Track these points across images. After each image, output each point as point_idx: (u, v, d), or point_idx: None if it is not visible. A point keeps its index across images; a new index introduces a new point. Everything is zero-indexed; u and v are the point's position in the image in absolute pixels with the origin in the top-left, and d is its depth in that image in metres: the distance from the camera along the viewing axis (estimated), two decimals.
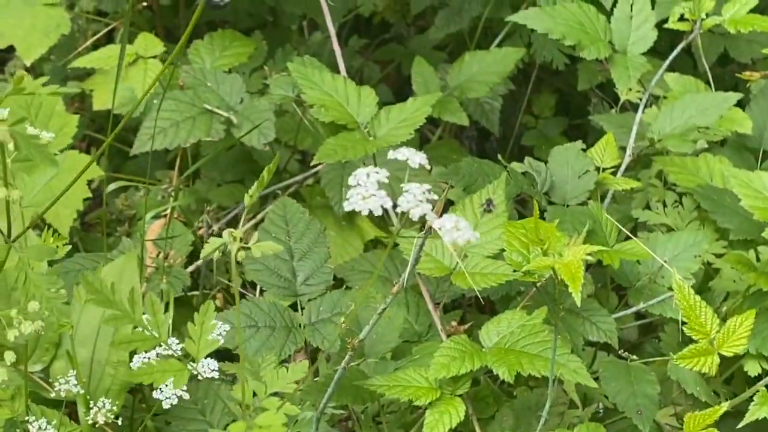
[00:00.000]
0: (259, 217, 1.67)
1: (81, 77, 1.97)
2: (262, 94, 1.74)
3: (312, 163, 1.40)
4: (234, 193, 1.70)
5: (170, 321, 1.13)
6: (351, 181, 0.90)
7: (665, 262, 1.42)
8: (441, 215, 1.15)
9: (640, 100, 1.75)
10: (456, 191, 1.47)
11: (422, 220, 0.92)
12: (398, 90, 2.09)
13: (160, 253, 1.55)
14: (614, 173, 1.55)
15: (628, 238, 1.48)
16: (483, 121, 1.88)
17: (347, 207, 0.89)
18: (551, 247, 1.18)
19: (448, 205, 1.75)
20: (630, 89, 1.77)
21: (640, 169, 1.74)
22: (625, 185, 1.48)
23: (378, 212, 0.89)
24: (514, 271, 1.28)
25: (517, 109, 2.08)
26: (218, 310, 1.59)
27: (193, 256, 1.62)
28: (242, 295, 1.63)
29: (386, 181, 0.91)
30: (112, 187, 1.53)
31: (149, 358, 1.06)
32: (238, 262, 0.90)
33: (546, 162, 1.56)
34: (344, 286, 1.48)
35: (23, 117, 0.93)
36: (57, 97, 1.62)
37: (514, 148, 2.06)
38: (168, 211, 1.59)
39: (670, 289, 1.45)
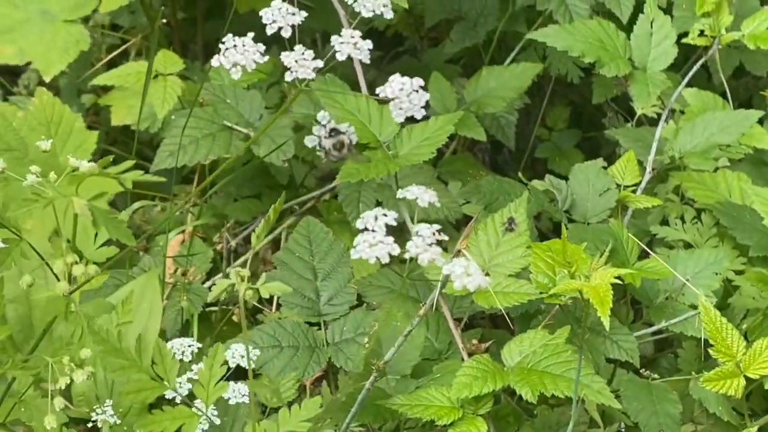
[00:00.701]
0: (276, 232, 1.67)
1: (95, 90, 1.97)
2: (279, 108, 1.74)
3: (335, 183, 1.40)
4: (251, 208, 1.70)
5: (195, 345, 1.13)
6: (359, 224, 0.90)
7: (687, 280, 1.42)
8: (467, 237, 1.15)
9: (657, 115, 1.76)
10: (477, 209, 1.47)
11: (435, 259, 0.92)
12: None
13: (177, 269, 1.55)
14: (634, 190, 1.55)
15: (647, 253, 1.48)
16: (498, 136, 1.88)
17: (354, 255, 0.89)
18: (578, 269, 1.18)
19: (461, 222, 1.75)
20: None
21: (656, 183, 1.74)
22: (647, 203, 1.48)
23: (385, 260, 0.89)
24: (541, 293, 1.28)
25: (530, 121, 2.08)
26: (235, 325, 1.59)
27: (211, 270, 1.62)
28: (259, 311, 1.63)
29: (394, 223, 0.91)
30: (136, 206, 1.53)
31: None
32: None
33: (566, 179, 1.56)
34: (362, 302, 1.48)
35: (103, 192, 0.94)
36: (77, 114, 1.63)
37: (527, 161, 2.06)
38: (187, 227, 1.59)
39: (691, 306, 1.45)
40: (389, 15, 0.99)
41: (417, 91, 0.95)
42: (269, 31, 0.96)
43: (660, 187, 1.74)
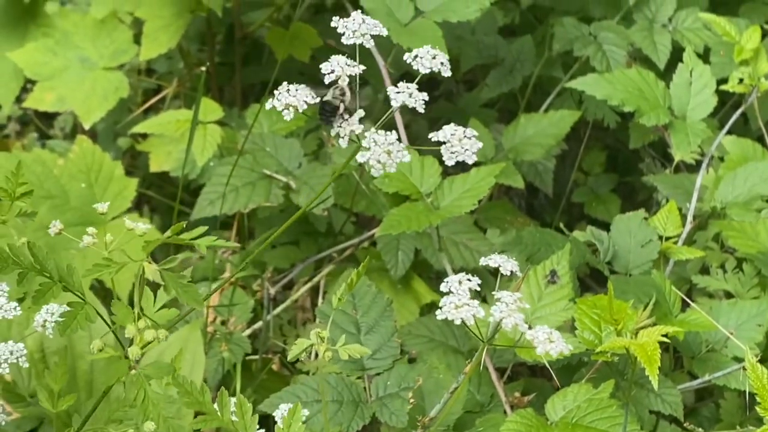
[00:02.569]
0: (315, 280, 1.66)
1: (133, 134, 1.99)
2: (317, 156, 1.75)
3: (377, 235, 1.40)
4: (289, 255, 1.70)
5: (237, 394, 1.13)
6: (443, 287, 0.92)
7: (731, 334, 1.40)
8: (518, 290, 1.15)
9: (695, 161, 1.75)
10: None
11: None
12: None
13: (216, 317, 1.55)
14: (676, 241, 1.54)
15: (688, 303, 1.47)
16: (536, 182, 1.87)
17: (440, 315, 0.90)
18: (624, 326, 1.17)
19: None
20: None
21: (696, 230, 1.73)
22: (690, 255, 1.47)
23: (471, 322, 0.91)
24: (587, 348, 1.27)
25: (566, 165, 2.07)
26: (275, 374, 1.59)
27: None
28: (298, 359, 1.62)
29: (478, 288, 0.93)
30: (180, 257, 1.53)
31: None
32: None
33: (606, 226, 1.56)
34: (401, 351, 1.47)
35: (173, 257, 0.94)
36: (117, 161, 1.64)
37: (564, 205, 2.05)
38: (226, 274, 1.59)
39: (735, 359, 1.44)
40: (447, 73, 1.00)
41: (470, 138, 0.96)
42: (326, 80, 0.97)
43: (700, 234, 1.73)
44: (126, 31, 1.84)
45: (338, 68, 0.98)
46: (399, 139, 0.96)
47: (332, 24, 0.99)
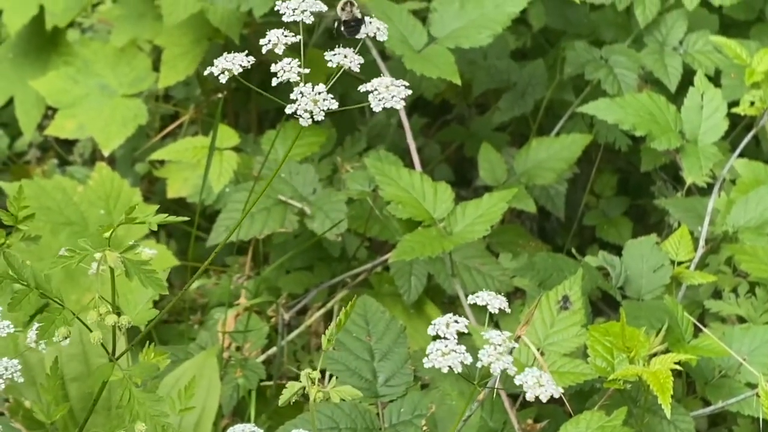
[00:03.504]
0: (328, 306, 1.68)
1: (148, 157, 2.01)
2: (331, 181, 1.76)
3: (390, 261, 1.41)
4: (303, 281, 1.71)
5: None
6: (430, 330, 0.91)
7: (744, 360, 1.41)
8: (527, 324, 1.16)
9: (707, 184, 1.76)
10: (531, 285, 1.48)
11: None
12: (459, 170, 2.11)
13: (231, 343, 1.57)
14: (688, 265, 1.55)
15: (700, 329, 1.47)
16: (548, 206, 1.88)
17: (426, 364, 0.89)
18: (637, 354, 1.18)
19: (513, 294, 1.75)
20: None
21: (708, 254, 1.74)
22: (702, 280, 1.48)
23: (458, 369, 0.90)
24: (599, 376, 1.27)
25: (577, 188, 2.08)
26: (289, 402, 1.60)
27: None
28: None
29: (465, 330, 0.92)
30: (196, 284, 1.55)
31: None
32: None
33: (618, 251, 1.56)
34: (414, 377, 1.48)
35: (135, 244, 0.96)
36: (135, 188, 1.66)
37: (575, 228, 2.06)
38: (241, 300, 1.61)
39: (748, 385, 1.44)
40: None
41: (398, 86, 0.95)
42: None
43: (712, 257, 1.73)
44: (145, 59, 1.87)
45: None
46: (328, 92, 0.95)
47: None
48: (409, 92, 0.94)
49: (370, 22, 1.01)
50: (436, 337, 0.92)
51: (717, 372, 1.47)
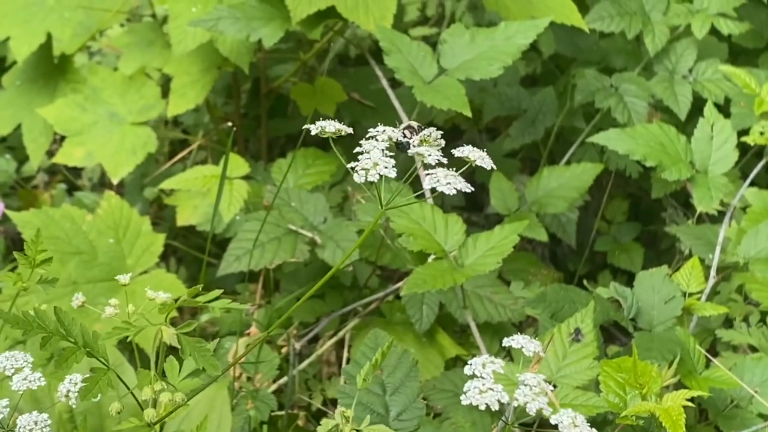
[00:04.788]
0: (340, 335, 1.67)
1: (157, 183, 2.01)
2: (342, 209, 1.76)
3: (401, 294, 1.41)
4: (315, 309, 1.71)
5: None
6: (467, 370, 0.93)
7: (756, 392, 1.40)
8: (538, 363, 1.16)
9: (718, 212, 1.75)
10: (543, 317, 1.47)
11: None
12: (471, 195, 2.10)
13: (242, 374, 1.56)
14: (699, 297, 1.54)
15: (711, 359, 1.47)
16: (559, 234, 1.88)
17: (464, 401, 0.91)
18: (649, 390, 1.17)
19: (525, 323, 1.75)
20: None
21: (719, 281, 1.73)
22: (713, 311, 1.47)
23: (495, 407, 0.92)
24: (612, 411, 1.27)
25: (589, 214, 2.08)
26: (301, 430, 1.60)
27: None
28: (324, 414, 1.64)
29: (501, 371, 0.93)
30: (205, 318, 1.55)
31: None
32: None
33: (630, 279, 1.56)
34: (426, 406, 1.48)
35: (191, 322, 0.97)
36: (144, 217, 1.66)
37: (587, 254, 2.06)
38: (252, 329, 1.61)
39: (760, 416, 1.44)
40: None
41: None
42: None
43: (723, 285, 1.73)
44: (154, 86, 1.87)
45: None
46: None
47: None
48: (469, 189, 0.96)
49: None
50: (473, 377, 0.94)
51: (729, 402, 1.47)
